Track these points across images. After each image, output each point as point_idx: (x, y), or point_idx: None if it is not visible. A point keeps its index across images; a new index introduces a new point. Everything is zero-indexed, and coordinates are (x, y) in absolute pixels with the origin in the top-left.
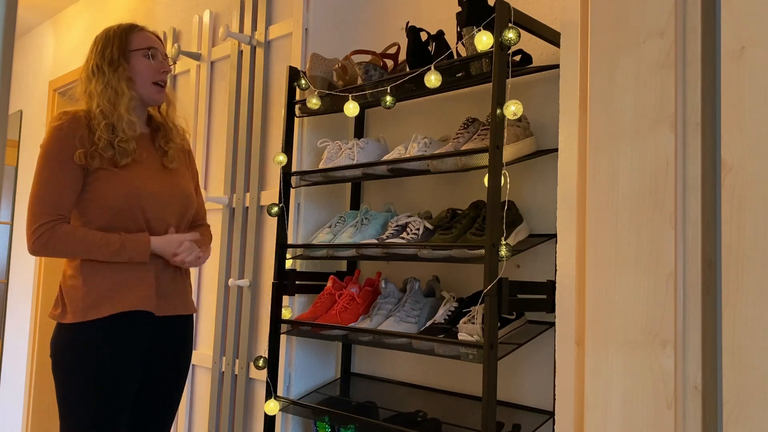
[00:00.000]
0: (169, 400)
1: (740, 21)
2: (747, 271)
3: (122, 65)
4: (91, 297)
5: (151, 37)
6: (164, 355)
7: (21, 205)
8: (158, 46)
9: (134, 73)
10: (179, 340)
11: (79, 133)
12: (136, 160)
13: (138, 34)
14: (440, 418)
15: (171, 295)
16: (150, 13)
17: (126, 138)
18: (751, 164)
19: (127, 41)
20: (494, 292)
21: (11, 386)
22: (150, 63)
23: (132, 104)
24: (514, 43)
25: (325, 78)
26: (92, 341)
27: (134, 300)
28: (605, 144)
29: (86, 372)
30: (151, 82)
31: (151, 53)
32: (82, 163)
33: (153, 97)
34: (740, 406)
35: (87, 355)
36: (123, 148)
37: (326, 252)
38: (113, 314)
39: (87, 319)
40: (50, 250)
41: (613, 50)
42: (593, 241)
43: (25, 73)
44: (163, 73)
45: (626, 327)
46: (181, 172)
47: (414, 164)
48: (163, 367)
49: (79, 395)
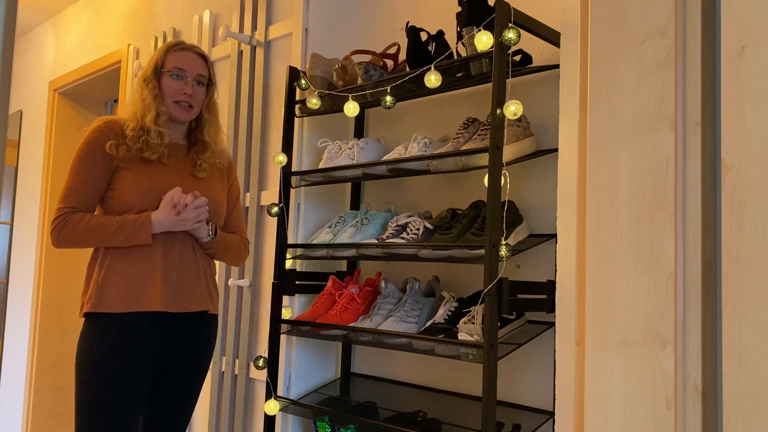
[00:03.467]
0: (182, 398)
1: (740, 21)
2: (747, 271)
3: (152, 82)
4: (104, 295)
5: (183, 58)
6: (178, 353)
7: (21, 205)
8: (187, 66)
9: (162, 90)
10: (194, 338)
11: (113, 133)
12: (162, 162)
13: (173, 55)
14: (440, 418)
15: (184, 292)
16: (150, 13)
17: (154, 143)
18: (751, 164)
19: (162, 61)
20: (494, 292)
21: (11, 386)
22: (174, 82)
23: (162, 118)
24: (514, 43)
25: (325, 78)
26: (101, 336)
27: (146, 301)
28: (605, 144)
29: (94, 368)
30: (172, 101)
31: (178, 74)
32: (113, 152)
33: (176, 114)
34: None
35: (96, 350)
36: (149, 144)
37: (326, 252)
38: (122, 313)
39: (97, 311)
40: (64, 239)
41: (613, 50)
42: (593, 241)
43: (25, 73)
44: (183, 94)
45: (626, 327)
46: (211, 182)
47: (414, 164)
48: (176, 366)
49: (87, 390)
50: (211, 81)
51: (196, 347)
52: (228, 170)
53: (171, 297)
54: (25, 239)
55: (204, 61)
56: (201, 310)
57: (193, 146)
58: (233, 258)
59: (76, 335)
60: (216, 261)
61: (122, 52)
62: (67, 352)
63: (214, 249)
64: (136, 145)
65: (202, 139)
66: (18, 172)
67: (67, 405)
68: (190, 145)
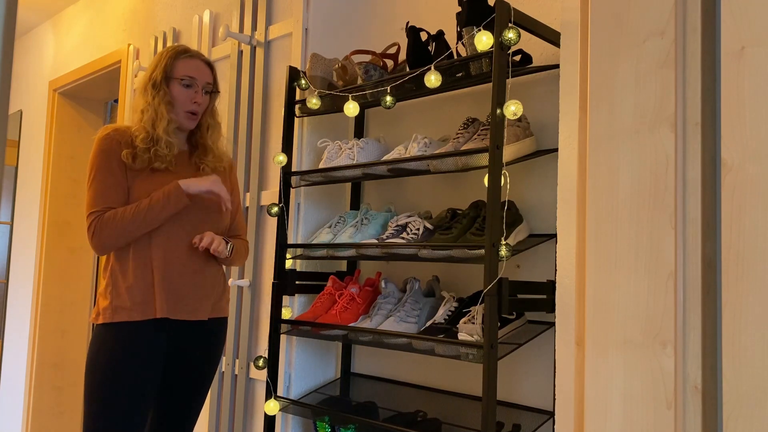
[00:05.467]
0: (190, 401)
1: (740, 21)
2: (747, 271)
3: (163, 89)
4: (112, 304)
5: (193, 66)
6: (186, 357)
7: (21, 205)
8: (197, 75)
9: (173, 98)
10: (202, 342)
11: (124, 142)
12: (170, 170)
13: (182, 62)
14: (440, 418)
15: (188, 300)
16: (150, 13)
17: (163, 153)
18: (751, 164)
19: (171, 67)
20: (494, 292)
21: (11, 386)
22: (185, 92)
23: (171, 127)
24: (514, 43)
25: (325, 78)
26: (107, 344)
27: (149, 309)
28: (605, 144)
29: (100, 374)
30: (185, 110)
31: (189, 83)
32: (128, 161)
33: (185, 123)
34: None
35: (101, 357)
36: (159, 154)
37: (326, 252)
38: (128, 321)
39: (104, 321)
40: (105, 238)
41: (613, 50)
42: (593, 241)
43: (25, 73)
44: (194, 103)
45: (626, 327)
46: None
47: (414, 164)
48: (184, 370)
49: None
50: (215, 88)
51: (204, 351)
52: (230, 172)
53: (172, 305)
54: (25, 239)
55: (210, 69)
56: (206, 318)
57: (195, 150)
58: (237, 264)
59: (77, 335)
60: None
61: (122, 52)
62: (67, 352)
63: (228, 262)
64: (146, 155)
65: (204, 143)
66: (18, 172)
67: (67, 405)
68: (192, 149)
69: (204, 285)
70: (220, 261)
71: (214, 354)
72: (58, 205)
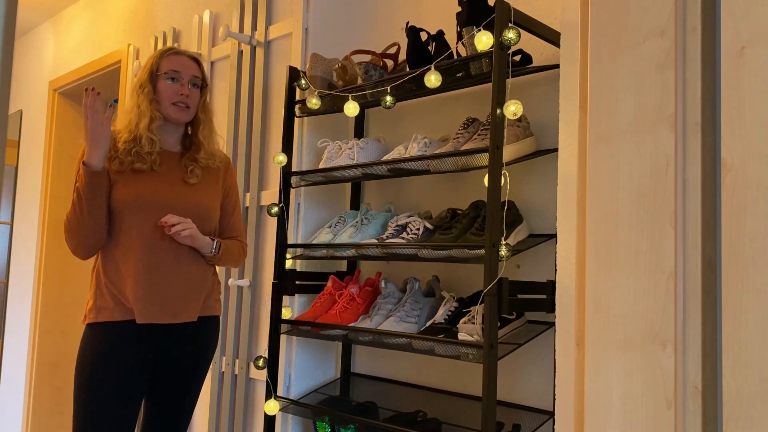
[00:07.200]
0: (181, 397)
1: (740, 21)
2: (747, 271)
3: (148, 87)
4: (96, 304)
5: (177, 61)
6: (175, 355)
7: (21, 205)
8: (182, 68)
9: (158, 94)
10: (191, 340)
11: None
12: (155, 171)
13: (167, 59)
14: (440, 418)
15: (171, 302)
16: (150, 13)
17: (144, 150)
18: (751, 164)
19: (157, 65)
20: (494, 292)
21: (11, 386)
22: (170, 85)
23: (155, 124)
24: (514, 43)
25: (325, 78)
26: (91, 344)
27: (130, 312)
28: (605, 144)
29: (85, 373)
30: (170, 102)
31: (174, 76)
32: (107, 164)
33: (174, 116)
34: (740, 406)
35: (86, 356)
36: (140, 155)
37: (326, 252)
38: (103, 322)
39: (89, 321)
40: (69, 241)
41: (613, 50)
42: (593, 241)
43: (25, 73)
44: (180, 95)
45: (626, 327)
46: (202, 187)
47: (414, 164)
48: (174, 367)
49: (81, 394)
50: (204, 82)
51: (192, 351)
52: (225, 172)
53: (156, 310)
54: (25, 239)
55: (197, 63)
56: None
57: (188, 150)
58: (230, 264)
59: (77, 336)
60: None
61: (122, 52)
62: (67, 352)
63: (216, 261)
64: (128, 158)
65: (196, 139)
66: (18, 172)
67: (67, 405)
68: (184, 150)
69: (189, 286)
70: (207, 260)
71: (204, 354)
72: (58, 205)
